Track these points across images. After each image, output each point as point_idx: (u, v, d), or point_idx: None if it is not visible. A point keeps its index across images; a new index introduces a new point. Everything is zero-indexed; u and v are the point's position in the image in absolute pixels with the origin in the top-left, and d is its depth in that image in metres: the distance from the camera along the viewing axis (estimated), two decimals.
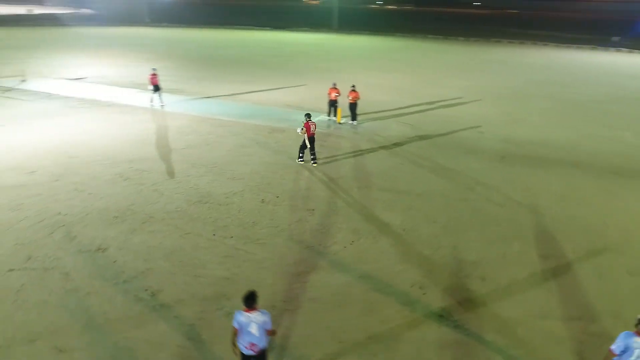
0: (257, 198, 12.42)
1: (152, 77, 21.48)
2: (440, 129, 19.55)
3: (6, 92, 24.02)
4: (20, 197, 12.01)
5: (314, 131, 14.78)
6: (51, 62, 34.49)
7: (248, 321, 5.74)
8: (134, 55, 39.59)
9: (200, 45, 50.72)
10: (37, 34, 56.09)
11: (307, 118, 14.66)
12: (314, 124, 14.74)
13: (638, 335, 5.34)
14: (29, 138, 16.81)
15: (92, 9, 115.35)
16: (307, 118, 14.66)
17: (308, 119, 14.62)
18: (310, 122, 14.59)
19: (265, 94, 25.28)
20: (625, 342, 5.37)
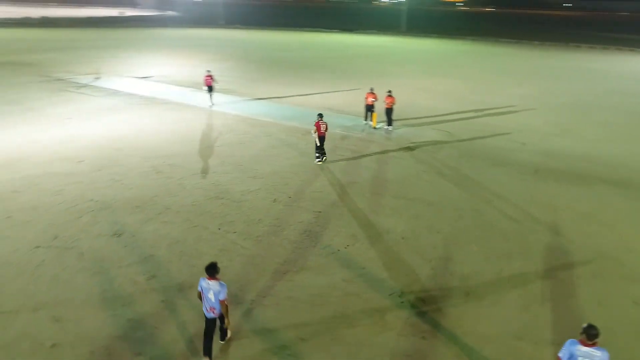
0: (270, 197, 12.96)
1: (207, 78, 22.79)
2: (479, 138, 18.96)
3: (81, 88, 26.70)
4: (63, 183, 13.51)
5: (324, 131, 15.32)
6: (127, 61, 37.66)
7: (208, 287, 6.76)
8: (200, 56, 42.05)
9: (266, 46, 52.59)
10: (122, 35, 61.24)
11: (318, 117, 15.36)
12: (324, 124, 15.29)
13: (581, 344, 5.50)
14: (86, 130, 18.68)
15: (176, 12, 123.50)
16: (318, 117, 15.36)
17: (319, 119, 15.27)
18: (321, 122, 15.21)
19: (314, 97, 25.82)
20: (569, 350, 5.58)
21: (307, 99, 25.28)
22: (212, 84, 22.87)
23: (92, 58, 38.55)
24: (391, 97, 19.66)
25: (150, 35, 62.21)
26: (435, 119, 21.92)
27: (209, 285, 6.75)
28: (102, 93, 25.60)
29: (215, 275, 6.78)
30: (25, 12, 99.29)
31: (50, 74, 30.82)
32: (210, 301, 6.78)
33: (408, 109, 23.33)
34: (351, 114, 22.14)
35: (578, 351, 5.49)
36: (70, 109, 21.89)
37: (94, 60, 37.45)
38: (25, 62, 35.31)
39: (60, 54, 40.51)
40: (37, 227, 10.96)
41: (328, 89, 28.30)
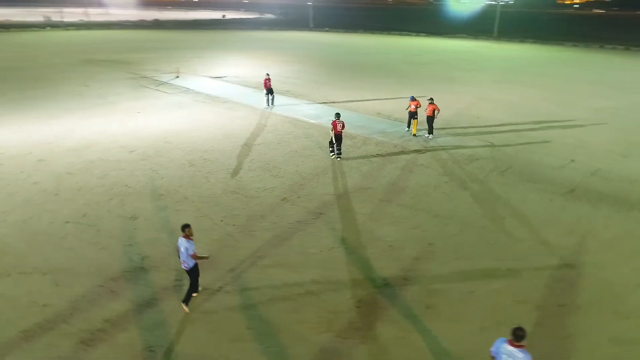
0: (282, 196, 13.63)
1: (266, 81, 23.93)
2: (524, 152, 17.92)
3: (159, 85, 29.59)
4: (110, 169, 15.40)
5: (341, 130, 16.35)
6: (209, 62, 40.71)
7: (180, 244, 8.32)
8: (276, 58, 44.04)
9: (346, 50, 53.38)
10: (216, 37, 65.87)
11: (335, 117, 16.43)
12: (341, 123, 16.30)
13: (509, 344, 5.89)
14: (148, 124, 20.84)
15: (274, 15, 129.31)
16: (335, 117, 16.43)
17: (336, 118, 16.34)
18: (337, 121, 16.26)
19: (372, 102, 25.93)
20: (497, 347, 6.00)
21: (364, 104, 25.47)
22: (270, 86, 23.92)
23: (180, 58, 42.19)
24: (432, 104, 19.30)
25: (241, 37, 66.16)
26: (486, 130, 21.02)
27: (181, 243, 8.27)
28: (175, 91, 28.14)
29: (187, 234, 8.29)
30: (143, 14, 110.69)
31: (139, 71, 34.47)
32: (183, 255, 8.30)
33: (462, 119, 22.68)
34: (399, 120, 21.99)
35: (504, 349, 5.85)
36: (142, 104, 24.46)
37: (180, 60, 40.96)
38: (124, 61, 39.74)
39: (155, 54, 44.90)
40: (74, 206, 12.73)
41: (389, 94, 28.23)
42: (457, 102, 26.47)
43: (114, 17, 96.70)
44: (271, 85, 24.00)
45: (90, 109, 23.18)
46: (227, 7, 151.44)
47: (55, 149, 17.21)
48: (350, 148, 17.97)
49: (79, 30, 71.68)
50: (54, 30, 69.68)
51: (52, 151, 17.00)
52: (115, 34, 66.21)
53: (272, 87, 24.06)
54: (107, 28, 75.69)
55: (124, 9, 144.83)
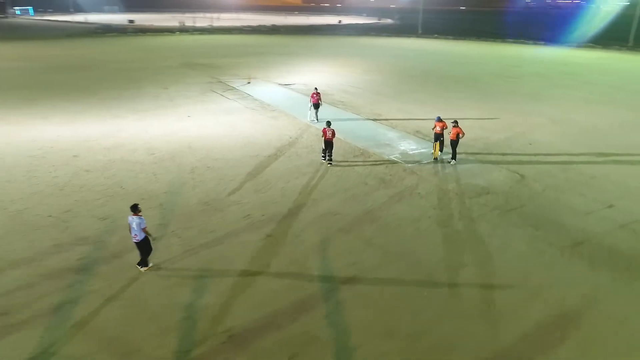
0: (247, 213, 13.68)
1: (313, 95, 23.47)
2: (554, 190, 15.43)
3: (226, 91, 31.47)
4: (122, 169, 16.93)
5: (330, 137, 17.09)
6: (289, 68, 42.06)
7: (131, 221, 10.13)
8: (358, 66, 43.78)
9: (441, 59, 50.93)
10: (318, 42, 67.64)
11: (326, 124, 17.22)
12: (330, 131, 17.06)
13: None
14: (187, 128, 22.32)
15: (392, 20, 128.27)
16: (326, 124, 17.22)
17: (327, 126, 17.15)
18: (327, 128, 17.07)
19: (423, 120, 24.53)
20: None
21: (411, 122, 24.11)
22: (317, 101, 23.32)
23: (266, 63, 44.32)
24: (457, 127, 17.59)
25: (341, 43, 67.00)
26: (529, 159, 18.53)
27: (132, 219, 10.11)
28: (237, 97, 29.67)
29: (137, 212, 10.10)
30: (268, 19, 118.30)
31: (219, 76, 37.04)
32: (134, 230, 10.12)
33: (511, 143, 20.44)
34: (432, 140, 20.41)
35: None
36: (198, 108, 26.28)
37: (265, 65, 43.04)
38: (216, 65, 42.98)
39: (250, 58, 47.72)
40: (66, 201, 14.29)
41: (449, 111, 26.36)
42: (520, 124, 23.77)
43: (241, 22, 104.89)
44: (319, 100, 23.41)
45: (151, 111, 25.58)
46: (353, 12, 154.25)
47: (94, 147, 19.39)
48: (358, 167, 17.27)
49: (202, 35, 79.22)
50: (181, 35, 77.97)
51: (90, 149, 19.19)
52: (229, 39, 71.78)
53: (319, 102, 23.35)
54: (227, 33, 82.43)
55: (253, 14, 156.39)
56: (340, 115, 25.14)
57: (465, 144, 19.88)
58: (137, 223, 10.11)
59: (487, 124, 23.56)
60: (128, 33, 79.02)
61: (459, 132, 17.56)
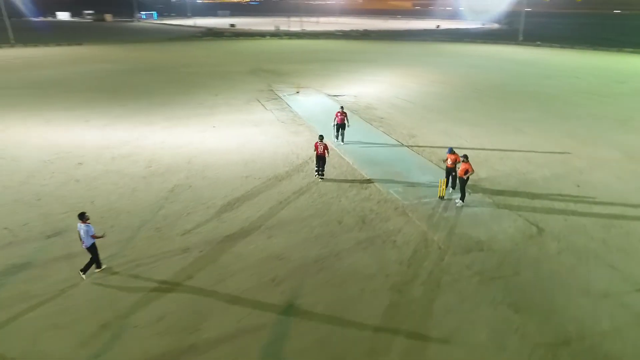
0: (187, 246, 12.57)
1: (337, 114, 21.09)
2: (570, 255, 12.10)
3: (269, 100, 30.81)
4: (109, 182, 16.87)
5: (322, 152, 16.57)
6: (349, 76, 40.36)
7: (80, 228, 10.62)
8: (426, 76, 40.64)
9: (528, 70, 45.43)
10: (399, 48, 64.74)
11: (319, 138, 16.73)
12: (322, 145, 16.54)
13: None
14: (203, 139, 21.90)
15: (499, 24, 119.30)
16: (319, 138, 16.73)
17: (319, 140, 16.65)
18: (319, 142, 16.58)
19: (464, 149, 21.61)
20: None
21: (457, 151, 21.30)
22: (342, 121, 20.93)
23: (330, 71, 43.08)
24: (466, 163, 14.72)
25: (425, 50, 63.33)
26: (565, 206, 15.01)
27: (80, 227, 10.59)
28: (276, 107, 28.83)
29: (84, 220, 10.59)
30: (363, 24, 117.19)
31: (274, 83, 36.63)
32: (82, 237, 10.62)
33: (555, 184, 17.03)
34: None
35: None
36: (229, 118, 25.90)
37: (327, 73, 41.81)
38: (280, 72, 42.80)
39: (317, 65, 46.87)
40: (33, 212, 14.42)
41: (506, 138, 22.99)
42: (584, 157, 19.88)
43: (337, 26, 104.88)
44: (345, 120, 20.96)
45: (184, 119, 25.74)
46: (462, 17, 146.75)
47: (103, 155, 19.74)
48: (345, 200, 15.31)
49: (290, 39, 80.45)
50: (271, 39, 79.93)
51: (99, 157, 19.55)
52: (313, 44, 71.78)
53: (346, 122, 20.95)
54: (315, 38, 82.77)
55: (355, 17, 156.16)
56: (369, 134, 23.02)
57: (492, 179, 16.88)
58: (84, 230, 10.55)
59: (537, 156, 19.80)
60: (224, 37, 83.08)
61: (467, 169, 14.66)
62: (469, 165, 14.66)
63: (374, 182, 16.94)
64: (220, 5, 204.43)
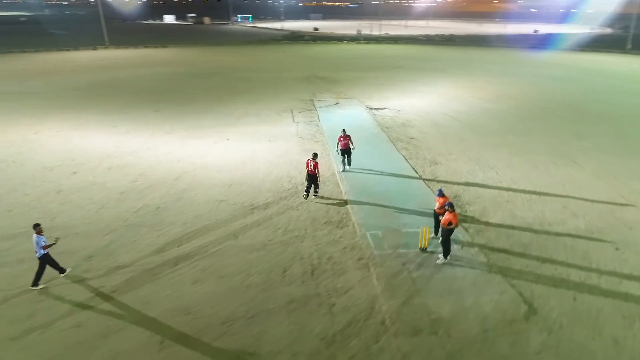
0: (104, 286, 11.44)
1: (340, 139, 18.46)
2: (565, 349, 8.96)
3: (302, 112, 29.20)
4: (87, 196, 16.47)
5: (313, 169, 15.68)
6: (404, 87, 37.34)
7: (34, 239, 10.88)
8: (487, 90, 36.34)
9: (619, 84, 38.84)
10: (481, 56, 59.43)
11: (312, 156, 15.89)
12: (313, 162, 15.64)
13: None
14: (208, 153, 20.97)
15: (613, 29, 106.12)
16: (312, 156, 15.89)
17: (312, 158, 15.78)
18: (310, 160, 15.77)
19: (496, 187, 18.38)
20: None
21: (476, 190, 18.15)
22: (346, 146, 18.38)
23: (385, 79, 40.40)
24: (451, 212, 11.85)
25: (506, 58, 57.50)
26: (585, 276, 11.54)
27: (34, 238, 10.85)
28: (304, 119, 27.15)
29: (36, 231, 10.85)
30: (452, 28, 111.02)
31: (320, 92, 34.99)
32: (36, 247, 10.89)
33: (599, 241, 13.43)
34: (467, 217, 14.67)
35: None
36: (248, 130, 24.77)
37: (380, 82, 39.19)
38: (333, 79, 41.05)
39: (375, 73, 44.33)
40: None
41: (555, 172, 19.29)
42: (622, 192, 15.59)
43: (423, 31, 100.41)
44: (349, 146, 18.45)
45: (205, 129, 25.10)
46: (567, 20, 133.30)
47: (102, 166, 19.56)
48: (306, 243, 13.29)
49: (366, 44, 78.17)
50: (348, 44, 78.32)
51: (97, 167, 19.41)
52: (387, 49, 68.86)
53: (350, 147, 18.48)
54: (392, 43, 79.61)
55: (448, 21, 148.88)
56: (385, 158, 20.48)
57: (502, 229, 13.94)
58: (35, 241, 10.86)
59: (580, 202, 15.98)
60: (302, 40, 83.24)
61: (451, 221, 11.79)
62: (454, 216, 11.79)
63: (355, 220, 14.56)
64: (314, 9, 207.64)
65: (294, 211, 15.29)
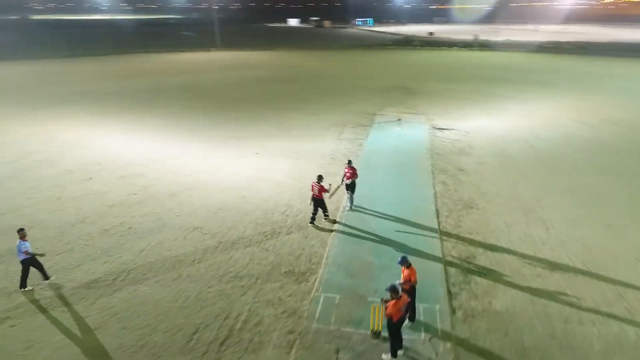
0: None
1: (347, 171, 15.65)
2: None
3: (356, 127, 26.63)
4: (83, 204, 16.30)
5: (318, 194, 14.36)
6: (494, 104, 32.47)
7: (17, 244, 11.07)
8: (604, 110, 29.56)
9: None
10: (616, 69, 50.15)
11: (316, 179, 14.52)
12: (318, 186, 14.31)
13: None
14: (227, 167, 19.84)
15: None
16: (316, 179, 14.52)
17: (316, 181, 14.46)
18: (315, 183, 14.43)
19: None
20: None
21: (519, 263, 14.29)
22: (353, 179, 15.58)
23: (475, 94, 35.67)
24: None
25: None
26: None
27: (17, 243, 11.05)
28: (350, 137, 24.61)
29: (20, 235, 11.07)
30: (594, 34, 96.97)
31: (388, 105, 31.97)
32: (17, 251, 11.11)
33: None
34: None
35: None
36: (282, 145, 23.09)
37: (468, 97, 34.65)
38: (415, 91, 37.53)
39: (469, 85, 39.54)
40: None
41: None
42: None
43: (558, 36, 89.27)
44: (352, 178, 15.50)
45: (243, 139, 24.07)
46: None
47: (117, 172, 19.43)
48: (248, 300, 11.19)
49: (479, 51, 71.49)
50: (455, 51, 72.48)
51: (111, 173, 19.31)
52: (498, 58, 61.89)
53: (354, 181, 15.54)
54: (509, 50, 71.59)
55: (591, 25, 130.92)
56: (408, 195, 17.23)
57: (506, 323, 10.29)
58: (18, 247, 11.05)
59: None
60: (409, 46, 79.38)
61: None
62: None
63: (321, 275, 11.96)
64: (441, 12, 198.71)
65: (261, 252, 13.19)
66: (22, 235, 11.11)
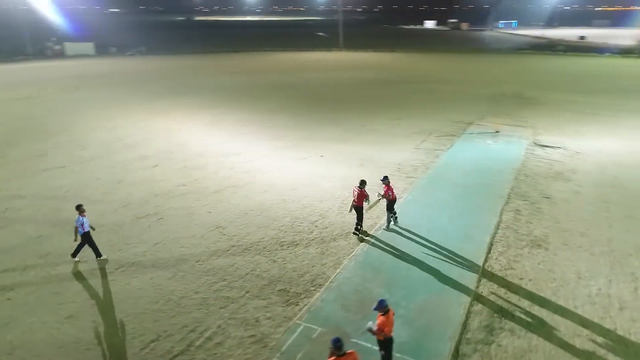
0: None
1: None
2: None
3: (440, 137, 23.99)
4: (120, 197, 17.10)
5: (358, 200, 13.11)
6: (621, 121, 26.72)
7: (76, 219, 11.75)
8: None
9: None
10: None
11: (360, 184, 13.19)
12: (358, 191, 13.06)
13: None
14: (278, 168, 19.19)
15: None
16: (360, 184, 13.19)
17: (358, 186, 13.17)
18: (356, 188, 13.20)
19: None
20: None
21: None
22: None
23: (600, 109, 29.77)
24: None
25: None
26: None
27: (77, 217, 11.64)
28: (429, 147, 22.14)
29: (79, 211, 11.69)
30: None
31: (491, 115, 28.37)
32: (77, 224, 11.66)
33: None
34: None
35: None
36: (349, 150, 21.75)
37: (588, 112, 29.07)
38: (526, 99, 33.19)
39: (594, 98, 33.41)
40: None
41: None
42: None
43: None
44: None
45: (315, 141, 23.25)
46: None
47: (182, 164, 19.94)
48: (238, 327, 10.29)
49: (635, 59, 60.56)
50: (608, 58, 62.53)
51: (176, 165, 19.85)
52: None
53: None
54: None
55: None
56: (459, 222, 14.57)
57: None
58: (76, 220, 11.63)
59: None
60: (550, 51, 70.74)
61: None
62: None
63: (314, 300, 10.49)
64: (604, 14, 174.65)
65: (267, 262, 12.14)
66: (81, 210, 11.66)
